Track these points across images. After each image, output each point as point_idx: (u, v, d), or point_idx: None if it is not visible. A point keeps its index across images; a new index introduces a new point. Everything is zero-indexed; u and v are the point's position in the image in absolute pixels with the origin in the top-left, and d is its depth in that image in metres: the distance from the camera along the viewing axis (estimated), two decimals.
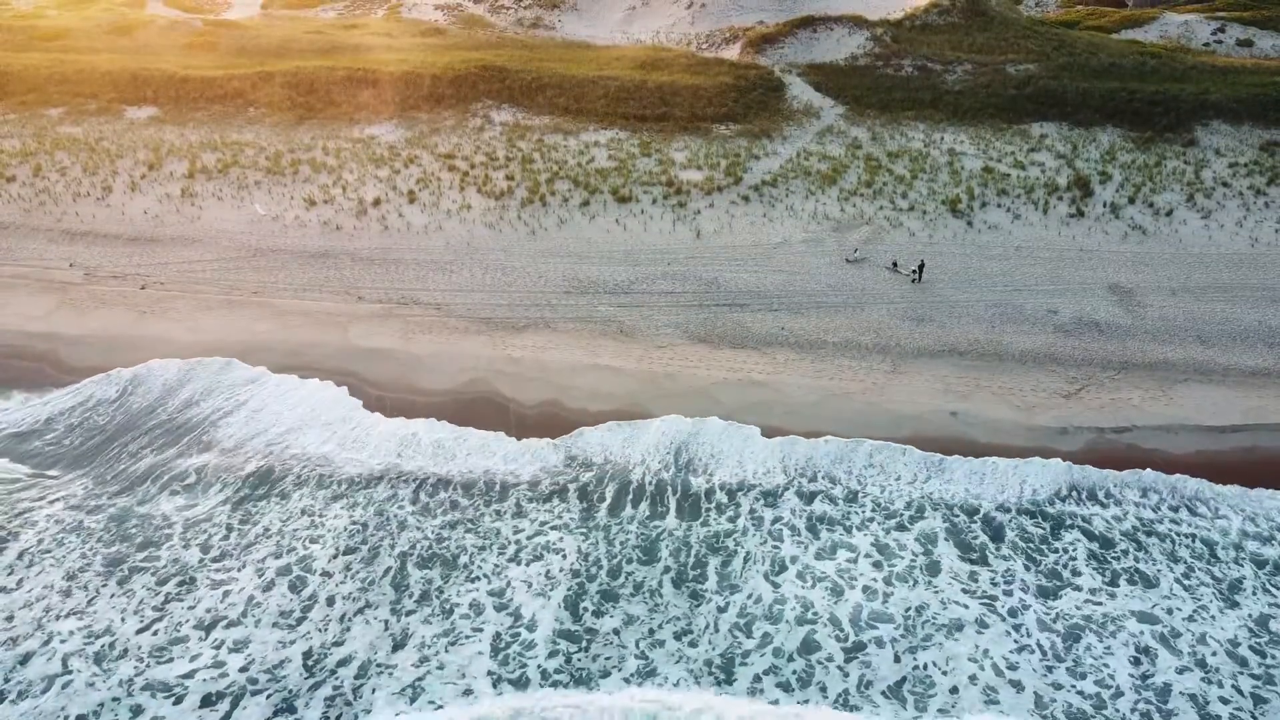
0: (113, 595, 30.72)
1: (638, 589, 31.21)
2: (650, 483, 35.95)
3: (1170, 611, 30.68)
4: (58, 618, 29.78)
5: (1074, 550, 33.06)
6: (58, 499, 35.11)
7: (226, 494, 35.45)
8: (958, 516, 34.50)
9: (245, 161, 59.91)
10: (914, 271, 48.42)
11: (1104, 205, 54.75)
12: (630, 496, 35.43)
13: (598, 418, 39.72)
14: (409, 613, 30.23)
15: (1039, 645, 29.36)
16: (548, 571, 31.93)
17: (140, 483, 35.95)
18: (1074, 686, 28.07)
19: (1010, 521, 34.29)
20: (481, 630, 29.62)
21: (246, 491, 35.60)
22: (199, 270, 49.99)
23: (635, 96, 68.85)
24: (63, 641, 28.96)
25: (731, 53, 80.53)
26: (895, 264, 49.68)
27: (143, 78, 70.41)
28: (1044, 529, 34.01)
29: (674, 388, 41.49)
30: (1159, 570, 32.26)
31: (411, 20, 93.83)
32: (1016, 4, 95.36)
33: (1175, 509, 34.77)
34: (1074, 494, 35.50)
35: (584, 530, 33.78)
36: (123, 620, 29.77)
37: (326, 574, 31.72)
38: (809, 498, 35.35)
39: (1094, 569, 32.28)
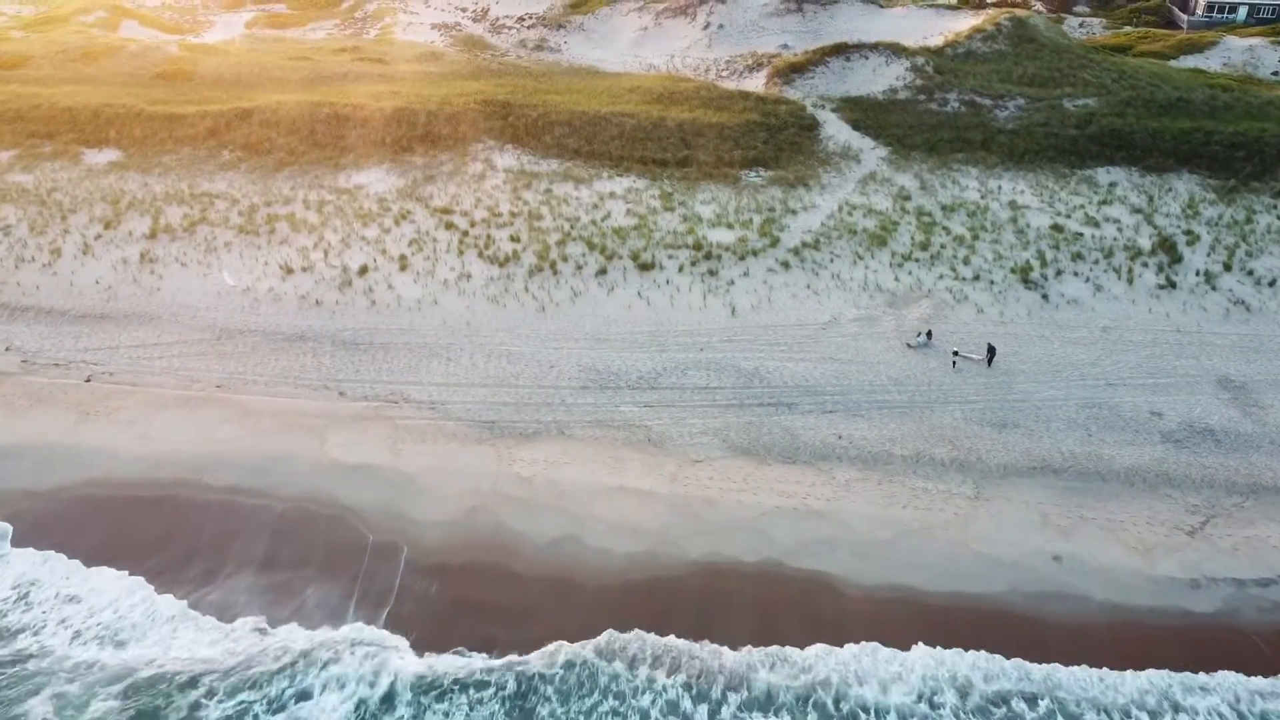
0: None
1: None
2: None
3: None
4: None
5: None
6: None
7: None
8: None
9: (215, 218, 52.79)
10: (954, 354, 41.95)
11: (1196, 273, 47.82)
12: None
13: (626, 562, 32.73)
14: None
15: None
16: None
17: None
18: None
19: None
20: None
21: None
22: (155, 356, 42.95)
23: (653, 136, 61.85)
24: None
25: (756, 83, 73.50)
26: (924, 332, 43.32)
27: (105, 115, 63.27)
28: None
29: (716, 520, 34.48)
30: None
31: (406, 42, 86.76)
32: (1058, 23, 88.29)
33: None
34: None
35: None
36: None
37: None
38: None
39: None
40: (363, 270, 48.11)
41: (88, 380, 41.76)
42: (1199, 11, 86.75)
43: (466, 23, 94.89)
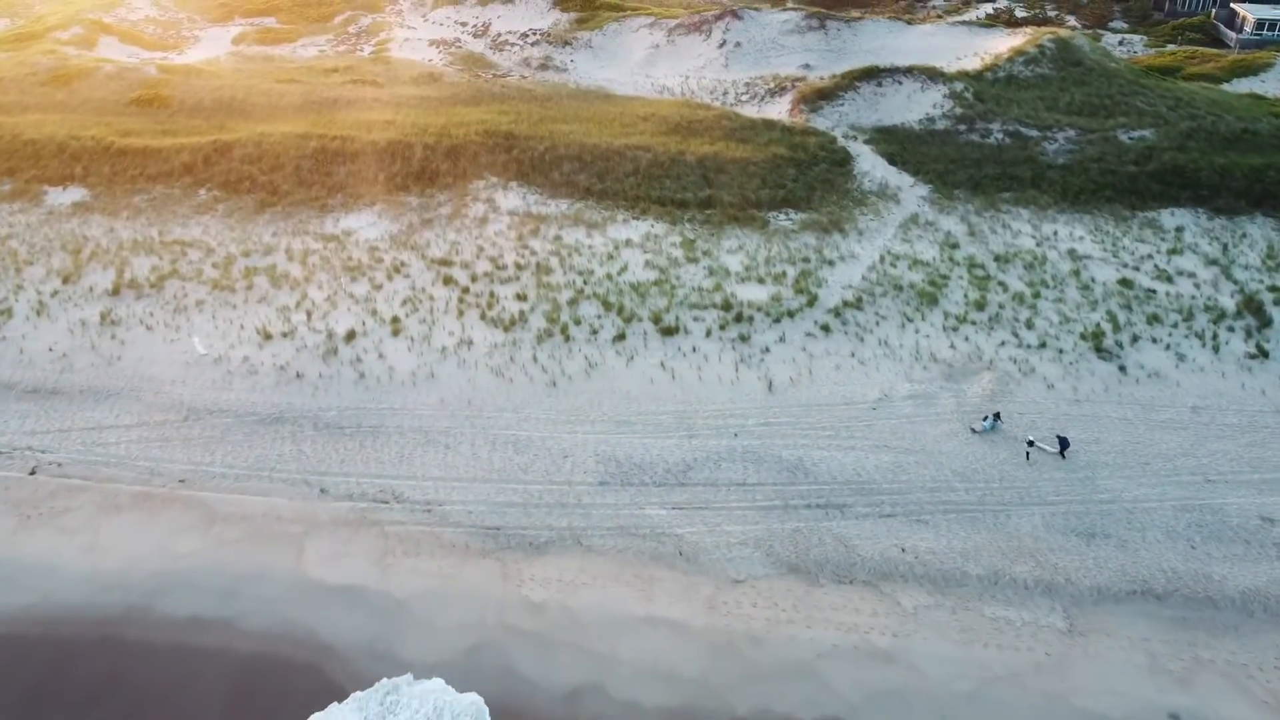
0: None
1: None
2: None
3: None
4: None
5: None
6: None
7: None
8: None
9: (187, 271, 47.39)
10: (1029, 443, 36.51)
11: None
12: None
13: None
14: None
15: None
16: None
17: None
18: None
19: None
20: None
21: None
22: (110, 443, 37.52)
23: (671, 173, 56.43)
24: None
25: (778, 108, 68.11)
26: (992, 414, 37.90)
27: (72, 149, 57.83)
28: None
29: (763, 662, 29.08)
30: None
31: (402, 61, 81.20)
32: (1096, 41, 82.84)
33: None
34: None
35: None
36: None
37: None
38: None
39: None
40: (350, 336, 42.66)
41: (32, 473, 36.37)
42: (1248, 29, 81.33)
43: (467, 39, 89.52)
